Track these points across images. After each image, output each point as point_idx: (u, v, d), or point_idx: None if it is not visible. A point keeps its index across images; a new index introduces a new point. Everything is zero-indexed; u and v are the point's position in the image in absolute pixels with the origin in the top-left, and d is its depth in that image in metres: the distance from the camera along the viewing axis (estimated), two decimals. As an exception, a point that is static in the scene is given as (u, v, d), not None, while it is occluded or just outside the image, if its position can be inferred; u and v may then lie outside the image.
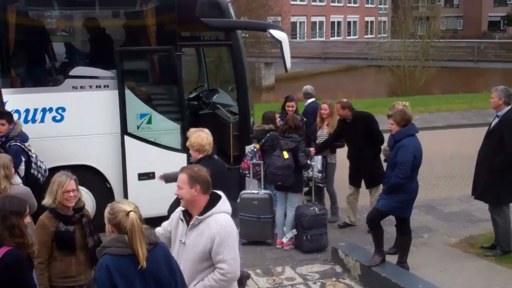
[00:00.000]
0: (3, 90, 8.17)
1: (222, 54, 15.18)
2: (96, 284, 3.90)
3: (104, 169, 8.88)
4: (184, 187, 4.29)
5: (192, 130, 6.72)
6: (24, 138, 7.67)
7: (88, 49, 9.35)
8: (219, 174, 5.99)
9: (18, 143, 7.49)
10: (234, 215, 4.51)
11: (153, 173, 8.80)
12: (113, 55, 8.66)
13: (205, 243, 4.20)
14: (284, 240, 8.37)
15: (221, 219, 4.25)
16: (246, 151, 9.11)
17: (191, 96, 11.63)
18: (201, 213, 4.27)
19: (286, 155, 8.09)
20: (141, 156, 8.86)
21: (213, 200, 4.32)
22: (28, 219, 4.43)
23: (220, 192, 4.42)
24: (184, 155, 9.08)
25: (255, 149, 8.93)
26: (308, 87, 10.41)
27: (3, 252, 4.23)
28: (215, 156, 6.71)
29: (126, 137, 8.82)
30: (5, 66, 8.64)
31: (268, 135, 8.73)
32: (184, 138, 9.07)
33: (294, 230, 8.29)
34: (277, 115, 9.21)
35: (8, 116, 7.73)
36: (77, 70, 8.74)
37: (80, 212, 5.13)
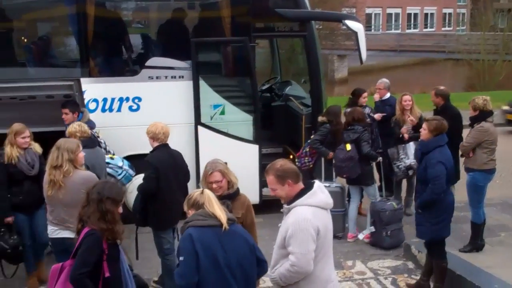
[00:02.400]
0: (82, 80, 8.44)
1: (295, 46, 15.11)
2: (180, 253, 4.17)
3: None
4: (277, 187, 4.39)
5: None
6: (91, 124, 7.76)
7: (164, 40, 9.49)
8: (174, 164, 6.54)
9: None
10: None
11: (225, 164, 8.84)
12: (189, 46, 8.76)
13: (284, 232, 4.30)
14: (360, 236, 8.24)
15: (299, 212, 4.25)
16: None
17: (264, 88, 11.65)
18: (289, 203, 4.36)
19: (348, 147, 8.04)
20: (213, 147, 8.92)
21: (303, 191, 4.35)
22: (121, 209, 4.58)
23: (316, 183, 4.41)
24: (256, 146, 9.14)
25: (309, 141, 8.92)
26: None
27: (85, 232, 4.42)
28: None
29: (199, 127, 8.93)
30: (84, 56, 8.91)
31: (321, 127, 8.63)
32: (257, 129, 9.18)
33: (372, 227, 8.15)
34: (345, 110, 9.10)
35: (71, 105, 7.90)
36: (153, 61, 8.91)
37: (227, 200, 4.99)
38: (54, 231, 5.79)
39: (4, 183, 6.56)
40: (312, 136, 8.94)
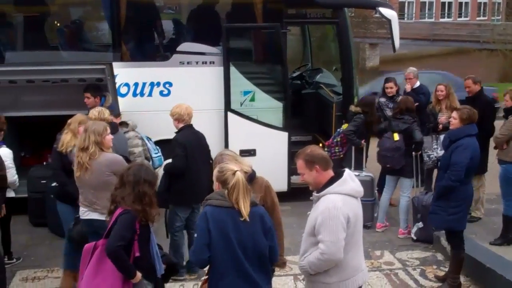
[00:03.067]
0: (114, 64, 8.47)
1: (327, 33, 14.97)
2: (196, 230, 4.28)
3: (207, 144, 9.03)
4: (305, 172, 4.36)
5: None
6: (113, 109, 7.69)
7: (196, 26, 9.48)
8: (199, 144, 6.67)
9: None
10: None
11: (254, 150, 8.89)
12: (220, 32, 8.74)
13: (314, 220, 4.26)
14: (412, 233, 8.04)
15: (330, 200, 4.21)
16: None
17: (294, 75, 11.58)
18: (319, 191, 4.32)
19: (396, 137, 7.89)
20: (243, 133, 8.94)
21: (333, 179, 4.32)
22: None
23: (346, 171, 4.38)
24: (285, 134, 9.11)
25: (340, 130, 8.84)
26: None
27: (118, 212, 4.48)
28: None
29: (229, 113, 8.92)
30: (116, 40, 8.95)
31: (356, 118, 8.53)
32: (286, 117, 9.13)
33: (421, 223, 7.88)
34: (381, 100, 8.98)
35: (93, 89, 7.93)
36: (185, 46, 8.91)
37: None
38: (84, 213, 5.86)
39: (59, 169, 6.46)
40: (342, 126, 8.87)
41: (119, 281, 4.45)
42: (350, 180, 4.33)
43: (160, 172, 7.04)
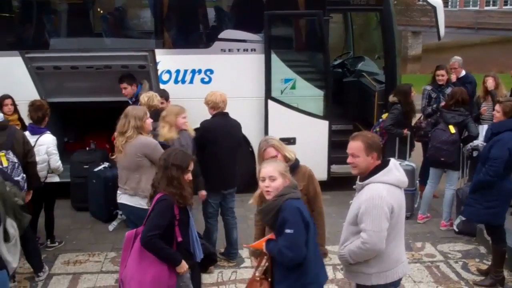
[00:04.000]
0: (156, 51, 8.52)
1: (370, 20, 14.77)
2: (288, 226, 4.06)
3: (247, 132, 8.98)
4: (360, 155, 4.26)
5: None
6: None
7: (237, 13, 9.43)
8: (227, 131, 6.70)
9: None
10: None
11: (294, 139, 8.84)
12: (261, 19, 8.69)
13: (356, 208, 4.22)
14: (455, 226, 7.93)
15: (374, 189, 4.16)
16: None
17: (336, 63, 11.46)
18: (363, 179, 4.26)
19: (453, 129, 7.68)
20: (283, 121, 8.89)
21: (378, 168, 4.25)
22: (189, 176, 4.66)
23: (392, 161, 4.33)
24: (326, 122, 9.04)
25: (380, 120, 8.72)
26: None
27: (157, 198, 4.54)
28: None
29: (269, 101, 8.89)
30: (158, 27, 9.00)
31: (393, 109, 8.38)
32: (327, 105, 9.05)
33: (461, 216, 7.79)
34: (426, 87, 8.80)
35: (127, 78, 7.99)
36: (226, 33, 8.89)
37: None
38: (118, 195, 5.97)
39: None
40: (382, 115, 8.75)
41: (165, 266, 4.50)
42: (396, 169, 4.27)
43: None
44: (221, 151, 6.67)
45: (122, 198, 5.93)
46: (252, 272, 4.68)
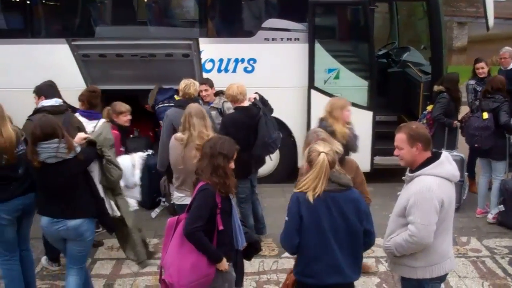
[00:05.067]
0: (200, 40, 8.54)
1: (415, 10, 14.53)
2: (287, 213, 4.16)
3: (289, 122, 8.98)
4: (404, 147, 4.19)
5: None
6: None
7: (281, 2, 9.36)
8: (245, 123, 6.61)
9: None
10: None
11: (336, 129, 8.72)
12: (306, 8, 8.61)
13: (405, 200, 4.14)
14: (490, 216, 7.82)
15: (424, 181, 4.06)
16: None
17: (381, 53, 11.30)
18: (413, 171, 4.17)
19: (485, 115, 7.56)
20: (326, 111, 8.79)
21: (429, 160, 4.16)
22: (233, 164, 4.63)
23: (444, 153, 4.24)
24: (370, 113, 8.93)
25: (425, 111, 8.56)
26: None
27: (199, 186, 4.51)
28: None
29: (312, 91, 8.82)
30: (202, 16, 9.01)
31: (440, 98, 8.20)
32: (371, 96, 8.93)
33: (502, 206, 7.68)
34: (470, 82, 8.60)
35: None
36: (270, 22, 8.84)
37: None
38: (179, 198, 6.01)
39: None
40: (427, 107, 8.58)
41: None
42: (448, 163, 4.17)
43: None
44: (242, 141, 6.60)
45: (186, 200, 5.84)
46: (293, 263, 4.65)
